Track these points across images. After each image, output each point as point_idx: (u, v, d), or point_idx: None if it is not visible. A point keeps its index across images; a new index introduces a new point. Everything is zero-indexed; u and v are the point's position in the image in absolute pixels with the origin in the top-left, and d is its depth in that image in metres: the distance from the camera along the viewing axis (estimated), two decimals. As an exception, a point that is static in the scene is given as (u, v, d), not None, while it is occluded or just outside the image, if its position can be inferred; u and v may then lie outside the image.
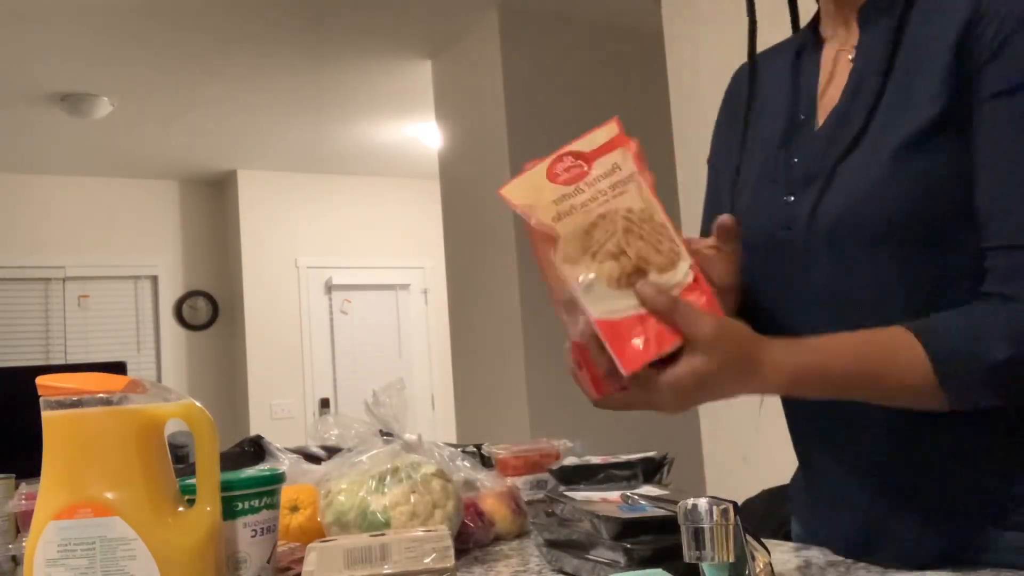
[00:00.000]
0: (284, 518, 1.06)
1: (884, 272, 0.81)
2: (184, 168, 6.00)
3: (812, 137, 0.88)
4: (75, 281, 5.91)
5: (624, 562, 0.82)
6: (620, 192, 0.74)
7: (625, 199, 0.74)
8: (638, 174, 0.75)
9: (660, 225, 0.73)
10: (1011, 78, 0.75)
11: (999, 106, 0.76)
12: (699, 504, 0.59)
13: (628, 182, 0.74)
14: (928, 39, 0.80)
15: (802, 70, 0.94)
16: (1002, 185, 0.76)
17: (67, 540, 0.76)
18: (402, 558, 0.81)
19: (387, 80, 4.56)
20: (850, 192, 0.81)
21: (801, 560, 0.88)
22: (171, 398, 0.83)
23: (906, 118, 0.79)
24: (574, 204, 0.73)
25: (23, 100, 4.49)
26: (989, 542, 0.80)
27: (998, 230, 0.76)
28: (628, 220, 0.72)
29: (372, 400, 1.15)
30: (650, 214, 0.73)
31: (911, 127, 0.79)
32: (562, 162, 0.76)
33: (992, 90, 0.76)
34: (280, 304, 6.12)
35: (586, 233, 0.72)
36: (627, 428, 3.75)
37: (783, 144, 0.92)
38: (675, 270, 0.72)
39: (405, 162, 6.12)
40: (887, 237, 0.79)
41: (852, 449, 0.89)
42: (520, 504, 1.17)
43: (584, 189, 0.74)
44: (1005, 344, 0.72)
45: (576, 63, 3.91)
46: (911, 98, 0.80)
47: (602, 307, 0.71)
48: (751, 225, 0.90)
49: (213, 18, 3.74)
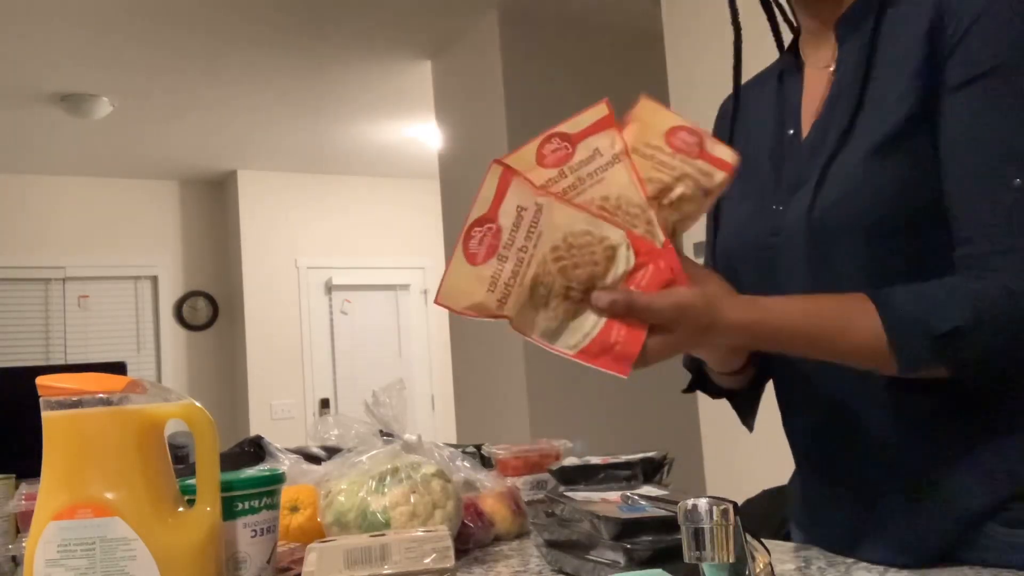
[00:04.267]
0: (284, 518, 1.06)
1: (867, 270, 0.82)
2: (184, 168, 6.00)
3: (798, 149, 0.92)
4: (75, 281, 5.91)
5: (624, 562, 0.82)
6: (598, 180, 0.76)
7: (600, 188, 0.76)
8: (623, 154, 0.77)
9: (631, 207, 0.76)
10: (968, 70, 0.78)
11: (958, 98, 0.79)
12: (699, 504, 0.59)
13: (608, 167, 0.77)
14: (898, 46, 0.83)
15: (786, 90, 0.98)
16: (965, 177, 0.78)
17: (67, 540, 0.76)
18: (402, 558, 0.81)
19: (387, 80, 4.56)
20: (831, 195, 0.84)
21: (801, 560, 0.88)
22: (171, 398, 0.83)
23: (879, 122, 0.82)
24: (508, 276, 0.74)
25: (23, 100, 4.49)
26: (984, 540, 0.80)
27: (964, 223, 0.78)
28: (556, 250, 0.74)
29: (372, 400, 1.15)
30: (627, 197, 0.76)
31: (883, 130, 0.82)
32: (550, 143, 0.78)
33: (952, 83, 0.79)
34: (280, 304, 6.12)
35: (529, 298, 0.74)
36: (627, 428, 3.75)
37: (772, 158, 0.94)
38: (616, 262, 0.74)
39: (405, 162, 6.12)
40: (867, 236, 0.82)
41: (846, 451, 0.90)
42: (520, 504, 1.17)
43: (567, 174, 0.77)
44: (957, 314, 0.74)
45: (576, 63, 3.91)
46: (884, 103, 0.83)
47: (574, 339, 0.74)
48: (742, 238, 0.94)
49: (213, 18, 3.74)
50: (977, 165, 0.77)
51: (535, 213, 0.74)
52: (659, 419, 3.70)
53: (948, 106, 0.79)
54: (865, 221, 0.82)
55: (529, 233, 0.74)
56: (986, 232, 0.76)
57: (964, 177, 0.78)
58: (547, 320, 0.74)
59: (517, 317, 0.74)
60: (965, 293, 0.75)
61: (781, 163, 0.93)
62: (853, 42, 0.88)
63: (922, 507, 0.83)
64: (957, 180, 0.79)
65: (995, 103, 0.77)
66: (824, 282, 0.85)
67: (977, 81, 0.77)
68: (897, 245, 0.81)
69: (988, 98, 0.77)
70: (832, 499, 0.93)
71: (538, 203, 0.74)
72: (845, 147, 0.84)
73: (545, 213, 0.74)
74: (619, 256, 0.74)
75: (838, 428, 0.90)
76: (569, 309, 0.74)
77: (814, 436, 0.95)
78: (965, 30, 0.78)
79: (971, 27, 0.78)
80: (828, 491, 0.94)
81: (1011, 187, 0.75)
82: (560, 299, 0.74)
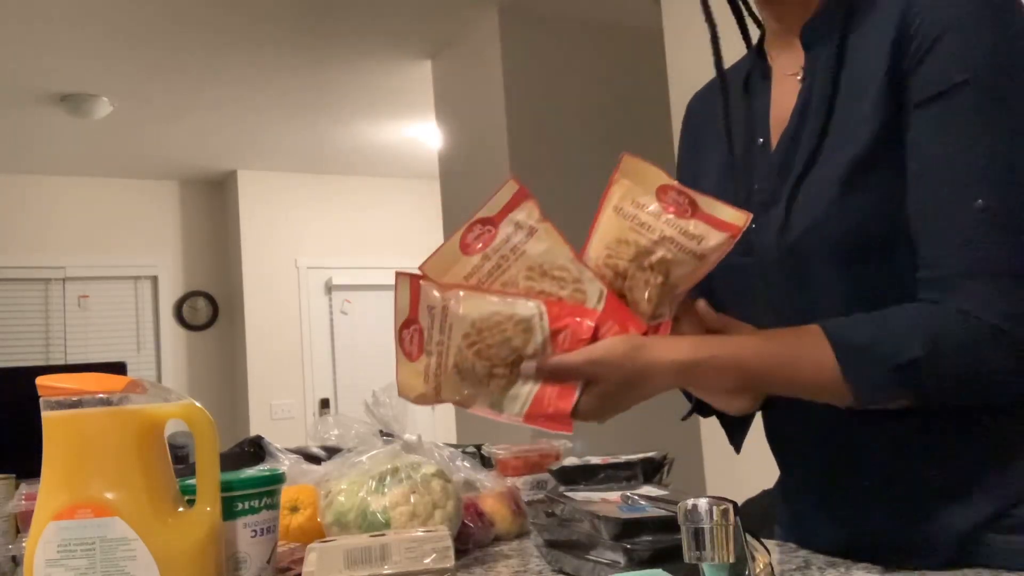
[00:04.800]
0: (284, 518, 1.06)
1: (844, 293, 0.81)
2: (184, 168, 6.00)
3: (767, 161, 0.89)
4: (75, 281, 5.90)
5: (624, 562, 0.82)
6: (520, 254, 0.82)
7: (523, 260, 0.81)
8: (541, 221, 0.83)
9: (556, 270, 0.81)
10: (932, 87, 0.76)
11: (922, 116, 0.77)
12: (699, 504, 0.59)
13: (528, 238, 0.82)
14: (865, 60, 0.81)
15: (753, 94, 0.95)
16: (927, 196, 0.76)
17: (67, 540, 0.76)
18: (402, 558, 0.81)
19: (387, 80, 4.56)
20: (802, 221, 0.82)
21: (801, 560, 0.88)
22: (171, 398, 0.83)
23: (848, 143, 0.80)
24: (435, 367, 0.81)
25: (23, 100, 4.49)
26: (983, 549, 0.79)
27: (925, 244, 0.76)
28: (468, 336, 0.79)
29: (372, 400, 1.15)
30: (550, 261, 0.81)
31: (852, 152, 0.79)
32: (472, 231, 0.83)
33: (916, 100, 0.77)
34: (280, 304, 6.12)
35: (460, 381, 0.80)
36: (627, 428, 3.74)
37: (743, 169, 0.92)
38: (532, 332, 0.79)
39: (405, 162, 6.12)
40: (842, 259, 0.80)
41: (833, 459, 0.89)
42: (520, 504, 1.17)
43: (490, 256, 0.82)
44: (918, 344, 0.73)
45: (576, 63, 3.91)
46: (852, 123, 0.80)
47: (516, 407, 0.79)
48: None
49: (213, 18, 3.74)
50: (939, 185, 0.75)
51: (443, 310, 0.81)
52: (659, 419, 3.70)
53: (913, 123, 0.77)
54: (839, 246, 0.80)
55: (442, 327, 0.81)
56: (946, 254, 0.75)
57: (926, 196, 0.76)
58: (487, 395, 0.80)
59: (460, 398, 0.80)
60: (923, 321, 0.74)
61: (752, 173, 0.91)
62: (819, 51, 0.85)
63: (917, 522, 0.82)
64: (919, 199, 0.77)
65: (959, 122, 0.75)
66: (801, 304, 0.84)
67: (941, 98, 0.75)
68: (875, 266, 0.80)
69: (952, 116, 0.75)
70: (815, 508, 0.92)
71: (444, 300, 0.81)
72: (814, 169, 0.82)
73: (452, 307, 0.80)
74: (534, 327, 0.79)
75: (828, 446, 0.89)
76: (500, 383, 0.79)
77: (803, 453, 0.94)
78: (930, 45, 0.76)
79: (936, 42, 0.76)
80: (811, 500, 0.93)
81: (973, 208, 0.73)
82: (488, 377, 0.79)
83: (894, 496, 0.84)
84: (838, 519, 0.89)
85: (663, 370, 0.77)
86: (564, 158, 3.80)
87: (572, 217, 3.18)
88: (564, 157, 3.80)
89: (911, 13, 0.77)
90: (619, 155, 0.84)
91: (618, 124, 3.81)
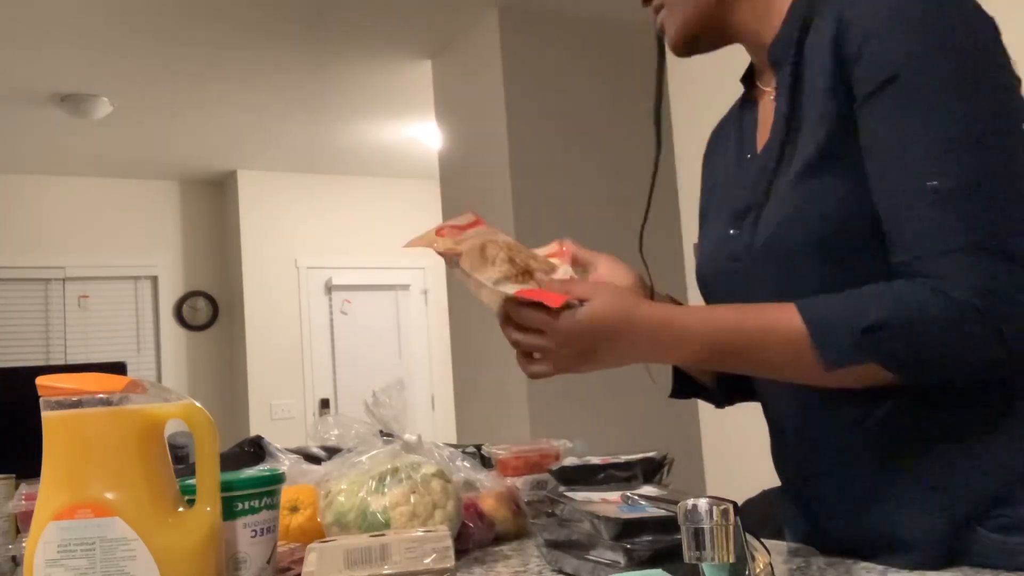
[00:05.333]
0: (284, 518, 1.06)
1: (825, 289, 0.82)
2: (184, 168, 6.00)
3: (750, 173, 0.94)
4: (75, 281, 5.91)
5: (624, 562, 0.82)
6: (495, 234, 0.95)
7: (500, 237, 0.94)
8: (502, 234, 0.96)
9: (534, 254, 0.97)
10: (873, 80, 0.79)
11: (867, 109, 0.80)
12: (699, 504, 0.59)
13: (496, 235, 0.95)
14: (817, 63, 0.84)
15: (744, 119, 1.01)
16: (885, 185, 0.79)
17: (67, 540, 0.76)
18: (402, 558, 0.81)
19: (387, 80, 4.56)
20: (771, 220, 0.86)
21: (801, 560, 0.88)
22: (171, 398, 0.83)
23: (806, 143, 0.84)
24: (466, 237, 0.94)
25: (23, 100, 4.49)
26: (976, 546, 0.80)
27: (892, 231, 0.79)
28: (508, 244, 0.93)
29: (372, 400, 1.15)
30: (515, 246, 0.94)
31: (809, 151, 0.83)
32: (443, 229, 0.95)
33: (861, 94, 0.80)
34: (280, 304, 6.12)
35: (481, 251, 0.91)
36: (627, 428, 3.75)
37: (735, 183, 0.97)
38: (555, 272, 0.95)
39: (405, 162, 6.12)
40: (817, 257, 0.83)
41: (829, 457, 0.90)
42: (520, 505, 1.17)
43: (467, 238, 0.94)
44: (884, 309, 0.75)
45: (576, 63, 3.91)
46: (810, 123, 0.84)
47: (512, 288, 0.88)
48: (710, 265, 0.97)
49: (214, 19, 3.74)
50: (894, 172, 0.78)
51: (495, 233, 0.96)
52: (659, 419, 3.70)
53: (861, 117, 0.80)
54: (808, 242, 0.83)
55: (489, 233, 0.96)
56: (911, 238, 0.77)
57: (885, 185, 0.79)
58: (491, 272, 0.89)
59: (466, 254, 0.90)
60: (892, 292, 0.76)
61: (738, 185, 0.96)
62: (784, 67, 0.89)
63: (911, 513, 0.83)
64: (878, 189, 0.79)
65: (902, 110, 0.77)
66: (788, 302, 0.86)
67: (883, 90, 0.78)
68: (852, 263, 0.81)
69: (895, 106, 0.77)
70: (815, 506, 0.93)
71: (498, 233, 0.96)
72: (779, 172, 0.86)
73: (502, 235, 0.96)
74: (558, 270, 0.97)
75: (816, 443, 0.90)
76: (510, 272, 0.89)
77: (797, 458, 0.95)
78: (863, 42, 0.79)
79: (868, 38, 0.79)
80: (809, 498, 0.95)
81: (926, 190, 0.75)
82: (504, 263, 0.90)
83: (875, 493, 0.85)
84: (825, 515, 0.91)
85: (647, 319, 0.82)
86: (564, 158, 3.80)
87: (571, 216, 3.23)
88: (564, 157, 3.80)
89: (843, 23, 0.81)
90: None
91: (618, 123, 3.81)
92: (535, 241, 1.07)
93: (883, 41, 0.78)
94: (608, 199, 3.72)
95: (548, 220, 3.69)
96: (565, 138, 3.83)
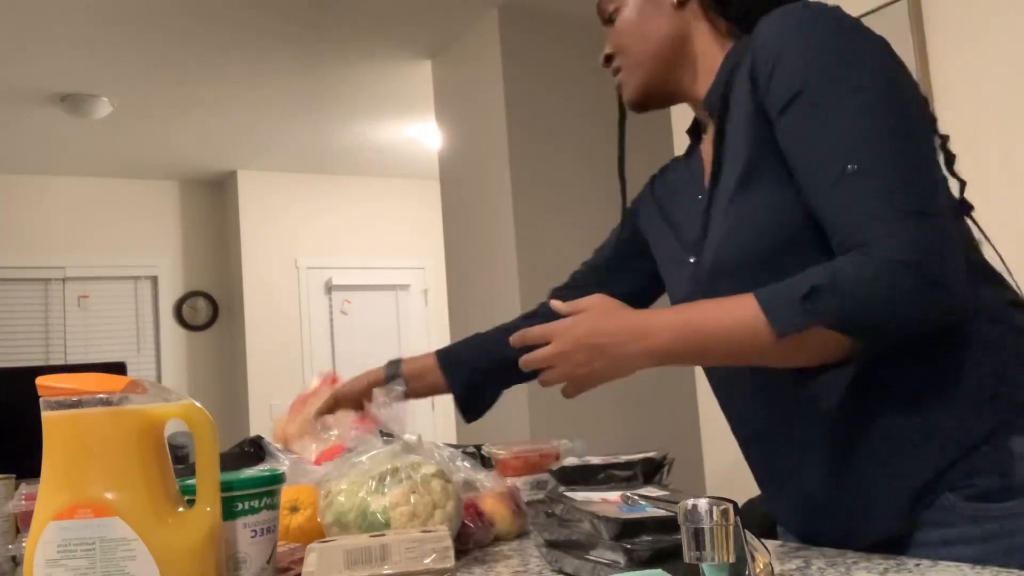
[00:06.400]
0: (284, 518, 1.06)
1: None
2: (184, 168, 6.00)
3: (700, 208, 1.03)
4: (75, 281, 5.91)
5: (624, 562, 0.82)
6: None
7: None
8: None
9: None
10: (783, 97, 0.88)
11: (782, 123, 0.89)
12: (699, 504, 0.59)
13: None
14: (739, 99, 0.95)
15: (692, 166, 1.12)
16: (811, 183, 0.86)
17: (67, 540, 0.76)
18: (402, 558, 0.81)
19: (387, 80, 4.56)
20: (713, 243, 0.97)
21: (801, 560, 0.88)
22: (171, 398, 0.83)
23: (734, 166, 0.94)
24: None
25: (23, 100, 4.49)
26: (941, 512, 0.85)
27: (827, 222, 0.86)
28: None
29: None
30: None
31: (736, 172, 0.93)
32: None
33: (775, 111, 0.89)
34: (280, 304, 6.12)
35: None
36: (627, 428, 3.75)
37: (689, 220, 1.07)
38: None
39: (405, 162, 6.12)
40: (759, 270, 0.90)
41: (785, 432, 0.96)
42: (520, 504, 1.17)
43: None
44: (821, 277, 0.82)
45: (576, 63, 3.91)
46: (736, 148, 0.94)
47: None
48: (679, 291, 1.07)
49: (213, 18, 3.74)
50: (815, 166, 0.86)
51: None
52: (659, 419, 3.70)
53: (779, 130, 0.89)
54: (748, 257, 0.91)
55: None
56: (842, 217, 0.84)
57: (809, 180, 0.87)
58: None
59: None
60: (830, 265, 0.83)
61: (694, 222, 1.06)
62: (716, 109, 0.99)
63: (871, 479, 0.88)
64: (806, 186, 0.87)
65: (808, 120, 0.86)
66: None
67: (793, 102, 0.87)
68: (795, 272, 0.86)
69: (806, 114, 0.87)
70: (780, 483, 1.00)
71: None
72: (715, 198, 0.97)
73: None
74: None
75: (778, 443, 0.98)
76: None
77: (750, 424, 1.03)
78: (770, 72, 0.89)
79: (777, 59, 0.89)
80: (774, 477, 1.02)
81: (847, 173, 0.83)
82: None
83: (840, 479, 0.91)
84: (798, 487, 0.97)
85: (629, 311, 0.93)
86: (564, 158, 3.80)
87: (571, 216, 3.24)
88: (564, 157, 3.80)
89: (755, 52, 0.92)
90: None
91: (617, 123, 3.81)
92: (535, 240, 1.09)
93: (789, 61, 0.88)
94: (608, 199, 3.71)
95: (548, 220, 3.69)
96: (565, 138, 3.83)
